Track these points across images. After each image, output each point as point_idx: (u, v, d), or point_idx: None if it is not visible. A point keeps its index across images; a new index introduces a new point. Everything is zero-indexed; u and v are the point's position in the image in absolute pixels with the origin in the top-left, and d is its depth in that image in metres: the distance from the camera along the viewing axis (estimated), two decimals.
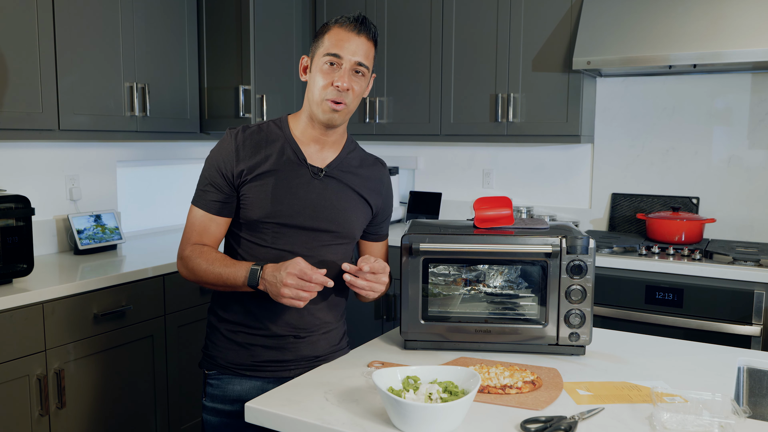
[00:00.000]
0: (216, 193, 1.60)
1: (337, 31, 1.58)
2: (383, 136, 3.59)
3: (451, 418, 1.18)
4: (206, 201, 1.61)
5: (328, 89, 1.57)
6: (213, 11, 3.23)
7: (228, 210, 1.62)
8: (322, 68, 1.58)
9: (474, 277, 1.75)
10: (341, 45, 1.56)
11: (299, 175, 1.61)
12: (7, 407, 2.16)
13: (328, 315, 1.69)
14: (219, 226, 1.63)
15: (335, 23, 1.59)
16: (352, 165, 1.70)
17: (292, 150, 1.63)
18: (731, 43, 2.60)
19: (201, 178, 1.64)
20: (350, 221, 1.67)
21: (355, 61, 1.57)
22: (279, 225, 1.59)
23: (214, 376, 1.68)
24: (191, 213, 1.64)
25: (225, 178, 1.59)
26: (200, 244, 1.62)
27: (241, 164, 1.59)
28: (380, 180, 1.76)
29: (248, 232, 1.62)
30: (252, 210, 1.59)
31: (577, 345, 1.62)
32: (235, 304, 1.64)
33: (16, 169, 2.80)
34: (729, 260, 2.66)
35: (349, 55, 1.56)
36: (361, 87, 1.61)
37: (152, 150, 3.42)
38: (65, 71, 2.60)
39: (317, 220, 1.62)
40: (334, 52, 1.56)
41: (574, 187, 3.46)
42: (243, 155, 1.60)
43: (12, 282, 2.31)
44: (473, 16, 3.28)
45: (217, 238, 1.64)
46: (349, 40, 1.56)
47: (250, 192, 1.59)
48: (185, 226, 1.65)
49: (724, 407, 1.25)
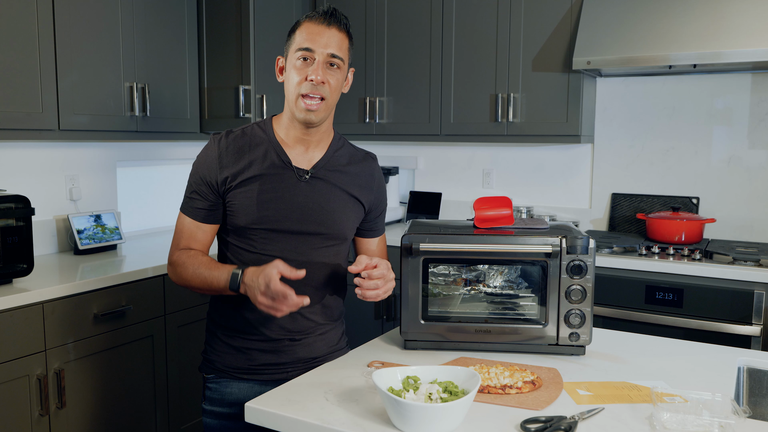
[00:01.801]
0: (201, 200, 1.59)
1: (308, 25, 1.55)
2: (383, 136, 3.59)
3: (451, 418, 1.18)
4: (192, 209, 1.60)
5: (303, 84, 1.53)
6: (213, 11, 3.23)
7: (214, 217, 1.61)
8: (295, 64, 1.55)
9: (474, 277, 1.75)
10: (312, 38, 1.53)
11: (284, 179, 1.59)
12: (7, 407, 2.16)
13: (323, 317, 1.68)
14: (206, 233, 1.62)
15: (306, 19, 1.57)
16: (340, 163, 1.66)
17: (276, 153, 1.60)
18: (731, 43, 2.60)
19: (188, 184, 1.63)
20: (340, 222, 1.64)
21: (328, 53, 1.54)
22: (267, 230, 1.58)
23: (213, 379, 1.68)
24: (179, 220, 1.64)
25: (209, 186, 1.58)
26: (188, 248, 1.61)
27: (225, 171, 1.57)
28: (371, 175, 1.72)
29: (236, 238, 1.61)
30: (238, 217, 1.58)
31: (577, 345, 1.62)
32: (230, 310, 1.64)
33: (16, 169, 2.80)
34: (729, 260, 2.66)
35: (321, 48, 1.53)
36: (337, 80, 1.58)
37: (152, 150, 3.42)
38: (65, 71, 2.60)
39: (305, 223, 1.60)
40: (306, 47, 1.53)
41: (574, 187, 3.46)
42: (226, 162, 1.58)
43: (12, 282, 2.31)
44: (473, 16, 3.28)
45: (205, 243, 1.63)
46: (320, 33, 1.54)
47: (235, 199, 1.57)
48: (174, 232, 1.65)
49: (724, 407, 1.25)
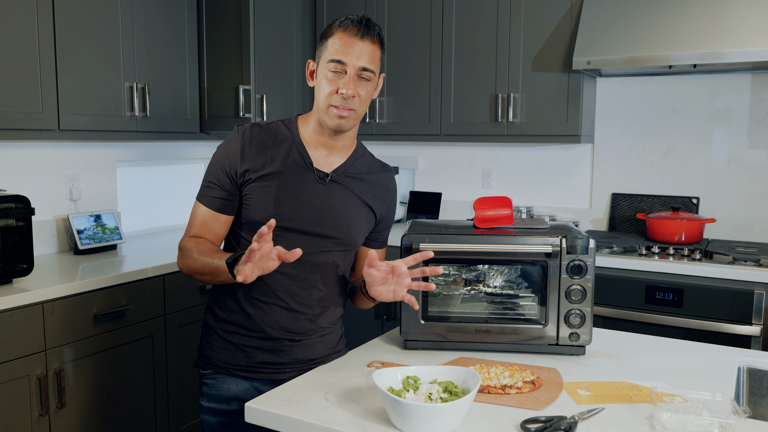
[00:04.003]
0: (219, 190, 1.59)
1: (341, 35, 1.54)
2: (383, 136, 3.59)
3: (451, 418, 1.18)
4: (209, 197, 1.61)
5: (333, 96, 1.54)
6: (213, 11, 3.23)
7: (230, 208, 1.61)
8: (326, 75, 1.55)
9: (474, 277, 1.75)
10: (345, 51, 1.53)
11: (304, 179, 1.59)
12: (7, 407, 2.16)
13: (325, 321, 1.67)
14: (220, 223, 1.62)
15: (339, 27, 1.55)
16: (360, 172, 1.67)
17: (299, 153, 1.61)
18: (731, 43, 2.60)
19: (206, 173, 1.63)
20: (353, 229, 1.64)
21: (360, 67, 1.54)
22: (280, 228, 1.57)
23: (210, 375, 1.67)
24: (195, 208, 1.64)
25: (229, 176, 1.58)
26: (198, 236, 1.62)
27: (246, 163, 1.58)
28: (386, 187, 1.72)
29: (249, 232, 1.61)
30: (254, 211, 1.58)
31: (577, 345, 1.62)
32: (232, 305, 1.64)
33: (16, 169, 2.80)
34: (729, 260, 2.66)
35: (353, 60, 1.53)
36: (368, 91, 1.58)
37: (152, 150, 3.42)
38: (65, 71, 2.60)
39: (319, 225, 1.60)
40: (338, 59, 1.53)
41: (574, 187, 3.46)
42: (248, 154, 1.58)
43: (12, 282, 2.31)
44: (473, 17, 3.28)
45: (218, 234, 1.63)
46: (352, 45, 1.53)
47: (253, 192, 1.58)
48: (189, 220, 1.65)
49: (724, 407, 1.25)
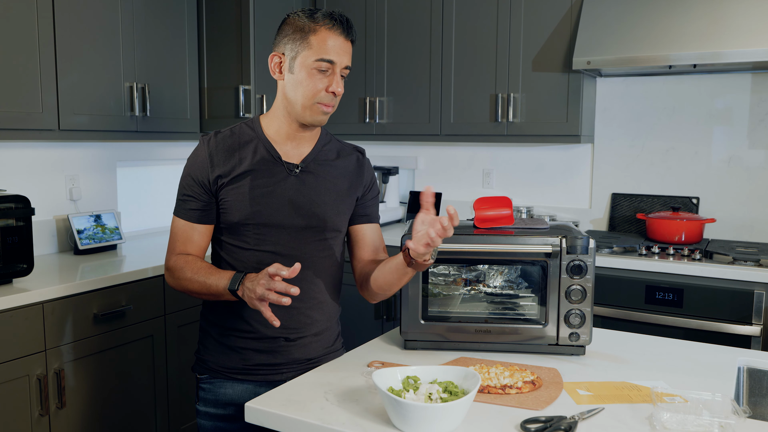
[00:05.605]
0: (195, 201, 1.60)
1: (328, 34, 1.53)
2: (383, 136, 3.59)
3: (451, 418, 1.18)
4: (186, 210, 1.61)
5: (322, 94, 1.55)
6: (213, 11, 3.23)
7: (208, 217, 1.61)
8: (311, 72, 1.54)
9: (474, 277, 1.75)
10: (336, 51, 1.53)
11: (275, 174, 1.60)
12: (7, 407, 2.16)
13: (319, 314, 1.66)
14: (201, 234, 1.62)
15: (324, 24, 1.53)
16: (329, 157, 1.67)
17: (266, 149, 1.61)
18: (731, 43, 2.60)
19: (180, 187, 1.63)
20: (331, 214, 1.64)
21: (345, 66, 1.57)
22: (260, 225, 1.58)
23: (206, 380, 1.67)
24: (173, 223, 1.63)
25: (202, 186, 1.59)
26: (185, 253, 1.62)
27: (217, 169, 1.58)
28: (359, 164, 1.72)
29: (231, 236, 1.61)
30: (231, 213, 1.59)
31: (577, 345, 1.62)
32: (224, 308, 1.63)
33: (16, 169, 2.80)
34: (729, 260, 2.66)
35: (344, 60, 1.56)
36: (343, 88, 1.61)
37: (152, 150, 3.42)
38: (65, 71, 2.60)
39: (297, 217, 1.60)
40: (329, 58, 1.52)
41: (574, 187, 3.46)
42: (217, 160, 1.58)
43: (12, 282, 2.31)
44: (473, 16, 3.28)
45: (201, 246, 1.63)
46: (342, 47, 1.54)
47: (228, 195, 1.58)
48: (169, 237, 1.65)
49: (724, 407, 1.25)
